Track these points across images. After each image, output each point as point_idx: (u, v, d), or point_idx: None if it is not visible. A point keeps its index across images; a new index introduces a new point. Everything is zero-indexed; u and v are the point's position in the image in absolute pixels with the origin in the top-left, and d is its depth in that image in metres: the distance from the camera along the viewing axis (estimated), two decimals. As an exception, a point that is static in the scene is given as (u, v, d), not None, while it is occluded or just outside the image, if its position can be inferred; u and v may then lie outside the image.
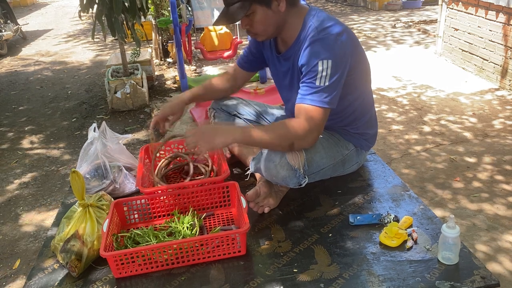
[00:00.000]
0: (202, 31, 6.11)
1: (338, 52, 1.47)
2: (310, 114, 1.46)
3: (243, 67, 1.90)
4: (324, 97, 1.45)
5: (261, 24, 1.54)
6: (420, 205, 1.63)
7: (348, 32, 1.52)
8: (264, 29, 1.56)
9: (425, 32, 7.31)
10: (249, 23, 1.55)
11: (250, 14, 1.51)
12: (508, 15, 4.31)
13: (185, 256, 1.38)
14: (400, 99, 4.46)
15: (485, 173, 2.97)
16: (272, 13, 1.52)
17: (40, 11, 13.54)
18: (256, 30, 1.57)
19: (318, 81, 1.45)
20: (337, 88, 1.48)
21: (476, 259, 1.33)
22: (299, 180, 1.55)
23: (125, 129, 4.14)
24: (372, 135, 1.82)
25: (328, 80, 1.45)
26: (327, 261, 1.37)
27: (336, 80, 1.46)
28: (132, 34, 4.29)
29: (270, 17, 1.53)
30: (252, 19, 1.53)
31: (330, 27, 1.49)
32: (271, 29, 1.57)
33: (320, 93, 1.45)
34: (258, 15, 1.52)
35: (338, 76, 1.47)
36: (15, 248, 2.54)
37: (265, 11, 1.51)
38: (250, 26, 1.56)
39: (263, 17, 1.52)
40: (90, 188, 1.75)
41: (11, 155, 3.79)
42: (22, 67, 6.79)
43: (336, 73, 1.46)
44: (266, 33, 1.59)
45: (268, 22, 1.54)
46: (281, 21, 1.56)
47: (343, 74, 1.50)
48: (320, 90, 1.45)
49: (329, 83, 1.45)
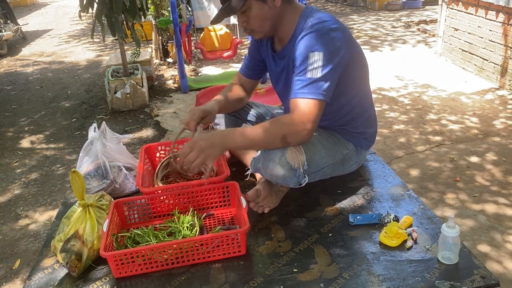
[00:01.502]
0: (202, 31, 6.11)
1: (330, 44, 1.46)
2: (302, 107, 1.44)
3: (247, 76, 1.90)
4: (316, 89, 1.44)
5: (257, 19, 1.55)
6: (420, 204, 1.63)
7: (342, 28, 1.52)
8: (260, 25, 1.57)
9: (425, 32, 7.32)
10: (246, 19, 1.57)
11: (246, 10, 1.53)
12: (508, 15, 4.31)
13: (185, 256, 1.38)
14: (401, 98, 4.47)
15: (485, 173, 2.97)
16: (268, 8, 1.54)
17: (40, 11, 13.54)
18: (253, 26, 1.58)
19: (310, 73, 1.44)
20: (331, 80, 1.46)
21: (476, 259, 1.33)
22: (299, 179, 1.55)
23: (125, 129, 4.14)
24: (371, 134, 1.82)
25: (320, 71, 1.44)
26: (327, 261, 1.37)
27: (329, 72, 1.45)
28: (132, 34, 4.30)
29: (265, 12, 1.54)
30: (248, 15, 1.55)
31: (324, 22, 1.50)
32: (267, 25, 1.58)
33: (311, 85, 1.44)
34: (254, 11, 1.53)
35: (331, 68, 1.45)
36: (15, 248, 2.54)
37: (261, 6, 1.53)
38: (247, 23, 1.58)
39: (259, 12, 1.54)
40: (90, 188, 1.75)
41: (11, 155, 3.79)
42: (22, 67, 6.79)
43: (328, 65, 1.44)
44: (263, 29, 1.60)
45: (264, 18, 1.55)
46: (277, 17, 1.57)
47: (337, 67, 1.48)
48: (312, 82, 1.44)
49: (322, 75, 1.44)
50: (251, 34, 1.64)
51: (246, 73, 1.89)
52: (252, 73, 1.89)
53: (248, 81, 1.91)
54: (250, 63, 1.87)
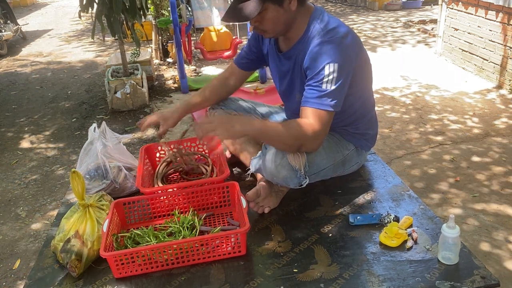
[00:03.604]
0: (202, 31, 6.11)
1: (344, 55, 1.47)
2: (317, 117, 1.47)
3: (242, 67, 1.89)
4: (330, 101, 1.47)
5: (272, 22, 1.54)
6: (420, 205, 1.63)
7: (352, 33, 1.53)
8: (273, 27, 1.56)
9: (425, 32, 7.31)
10: (259, 20, 1.54)
11: (262, 11, 1.51)
12: (508, 15, 4.31)
13: (185, 256, 1.38)
14: (401, 98, 4.47)
15: (485, 173, 2.97)
16: (284, 12, 1.53)
17: (40, 11, 13.54)
18: (266, 28, 1.57)
19: (325, 85, 1.46)
20: (342, 91, 1.49)
21: (476, 259, 1.33)
22: (300, 180, 1.55)
23: (125, 129, 4.14)
24: (372, 135, 1.82)
25: (334, 83, 1.46)
26: (327, 261, 1.37)
27: (341, 83, 1.47)
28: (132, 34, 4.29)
29: (281, 15, 1.53)
30: (263, 16, 1.52)
31: (335, 29, 1.50)
32: (281, 27, 1.57)
33: (326, 97, 1.46)
34: (269, 13, 1.51)
35: (343, 79, 1.48)
36: (15, 248, 2.54)
37: (277, 9, 1.51)
38: (260, 23, 1.56)
39: (275, 15, 1.52)
40: (90, 188, 1.75)
41: (11, 155, 3.78)
42: (22, 67, 6.79)
43: (341, 76, 1.47)
44: (275, 31, 1.59)
45: (278, 21, 1.54)
46: (291, 19, 1.56)
47: (348, 77, 1.50)
48: (326, 94, 1.46)
49: (336, 87, 1.46)
50: (261, 33, 1.63)
51: (241, 63, 1.88)
52: (247, 64, 1.88)
53: (241, 72, 1.90)
54: (248, 54, 1.86)
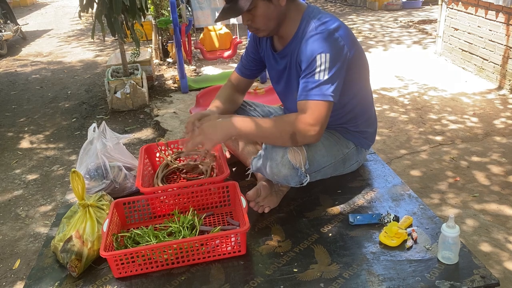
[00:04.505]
0: (202, 31, 6.11)
1: (335, 46, 1.47)
2: (312, 108, 1.46)
3: (244, 75, 1.89)
4: (325, 90, 1.46)
5: (263, 18, 1.54)
6: (420, 204, 1.63)
7: (345, 27, 1.54)
8: (265, 24, 1.57)
9: (425, 32, 7.32)
10: (251, 18, 1.56)
11: (252, 8, 1.52)
12: (508, 15, 4.31)
13: (185, 256, 1.38)
14: (401, 98, 4.47)
15: (485, 173, 2.97)
16: (274, 7, 1.53)
17: (40, 11, 13.53)
18: (258, 25, 1.57)
19: (317, 75, 1.46)
20: (337, 80, 1.48)
21: (476, 259, 1.33)
22: (301, 179, 1.55)
23: (125, 129, 4.14)
24: (371, 133, 1.82)
25: (327, 73, 1.46)
26: (327, 260, 1.37)
27: (335, 73, 1.47)
28: (131, 34, 4.29)
29: (271, 11, 1.54)
30: (254, 13, 1.54)
31: (327, 23, 1.51)
32: (273, 23, 1.57)
33: (320, 87, 1.46)
34: (259, 9, 1.52)
35: (337, 68, 1.47)
36: (15, 248, 2.54)
37: (267, 4, 1.52)
38: (252, 21, 1.57)
39: (265, 11, 1.53)
40: (90, 188, 1.75)
41: (11, 155, 3.78)
42: (22, 67, 6.79)
43: (334, 66, 1.46)
44: (268, 28, 1.59)
45: (269, 16, 1.55)
46: (281, 15, 1.57)
47: (343, 67, 1.50)
48: (320, 84, 1.46)
49: (329, 76, 1.46)
50: (255, 32, 1.63)
51: (243, 72, 1.88)
52: (249, 72, 1.88)
53: (244, 80, 1.90)
54: (248, 62, 1.86)
